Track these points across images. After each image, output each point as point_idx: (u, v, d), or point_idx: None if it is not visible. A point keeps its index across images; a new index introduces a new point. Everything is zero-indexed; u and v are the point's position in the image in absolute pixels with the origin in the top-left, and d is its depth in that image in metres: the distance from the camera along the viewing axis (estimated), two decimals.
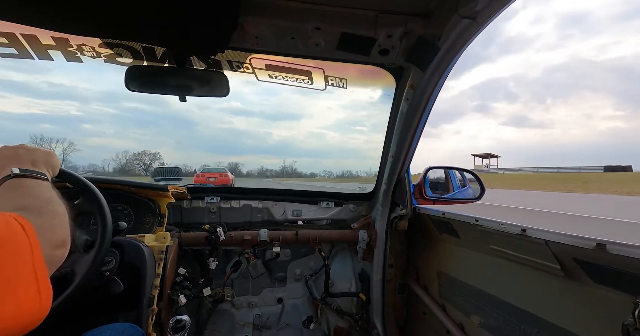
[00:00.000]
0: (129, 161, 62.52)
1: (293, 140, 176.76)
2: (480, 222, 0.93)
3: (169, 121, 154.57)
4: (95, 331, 0.80)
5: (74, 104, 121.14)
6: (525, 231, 0.76)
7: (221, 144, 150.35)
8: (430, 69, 0.90)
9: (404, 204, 1.36)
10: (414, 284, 1.44)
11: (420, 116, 1.08)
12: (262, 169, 72.79)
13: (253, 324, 1.54)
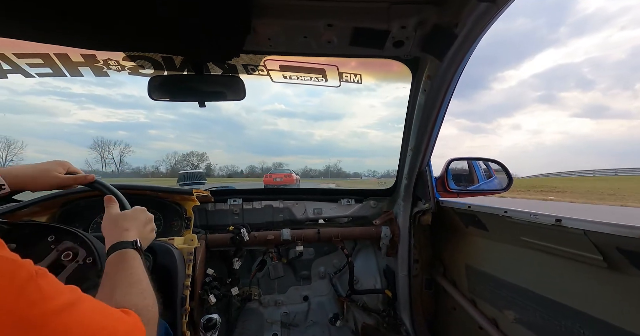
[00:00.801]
0: (178, 162, 63.32)
1: (335, 140, 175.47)
2: (510, 213, 0.90)
3: (221, 125, 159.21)
4: None
5: (142, 112, 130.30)
6: (561, 221, 0.72)
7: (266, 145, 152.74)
8: (447, 57, 0.87)
9: (427, 198, 1.33)
10: (442, 279, 1.41)
11: (440, 107, 1.05)
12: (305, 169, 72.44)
13: (281, 322, 1.57)
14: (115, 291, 0.52)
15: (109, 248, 0.61)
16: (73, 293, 0.36)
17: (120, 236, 0.63)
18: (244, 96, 1.10)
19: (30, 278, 0.32)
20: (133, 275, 0.56)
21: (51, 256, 0.71)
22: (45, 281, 0.33)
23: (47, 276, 0.35)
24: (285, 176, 16.62)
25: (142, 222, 0.71)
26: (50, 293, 0.33)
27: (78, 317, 0.34)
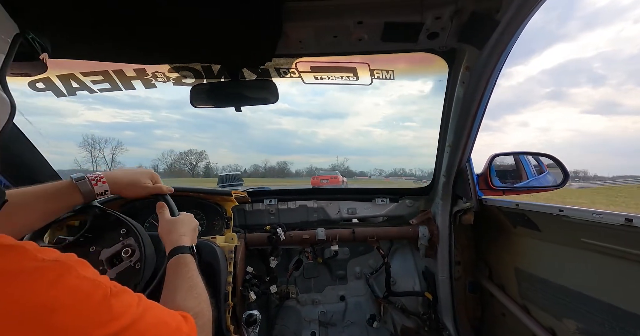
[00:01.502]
0: (176, 161, 58.61)
1: (339, 139, 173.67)
2: (567, 212, 0.81)
3: (226, 125, 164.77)
4: None
5: (148, 112, 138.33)
6: (632, 221, 0.64)
7: (271, 144, 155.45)
8: (488, 46, 0.81)
9: (468, 197, 1.26)
10: (487, 282, 1.32)
11: (480, 100, 0.99)
12: (311, 167, 72.14)
13: (319, 321, 1.58)
14: (176, 295, 0.57)
15: (170, 252, 0.68)
16: (139, 307, 0.39)
17: (179, 240, 0.69)
18: (277, 99, 1.13)
19: (104, 298, 0.34)
20: (191, 279, 0.62)
21: (117, 246, 0.81)
22: (116, 300, 0.36)
23: (119, 293, 0.37)
24: (332, 178, 17.98)
25: (192, 228, 0.77)
26: (119, 311, 0.35)
27: (145, 329, 0.37)
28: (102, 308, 0.34)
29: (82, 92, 1.04)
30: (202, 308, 0.58)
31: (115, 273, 0.80)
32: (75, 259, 0.36)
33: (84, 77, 1.01)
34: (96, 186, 0.71)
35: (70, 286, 0.32)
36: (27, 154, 1.19)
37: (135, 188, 0.77)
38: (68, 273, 0.33)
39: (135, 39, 0.83)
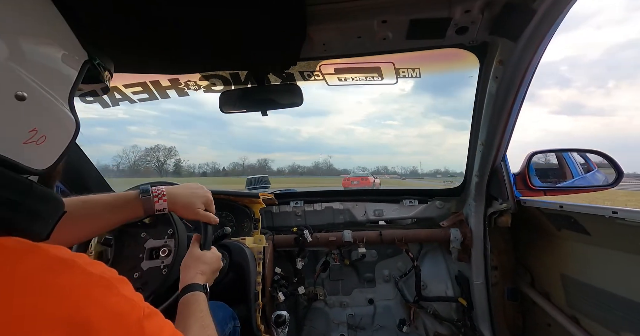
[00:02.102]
0: (141, 158, 51.81)
1: (322, 137, 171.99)
2: (622, 214, 0.74)
3: (205, 122, 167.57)
4: None
5: (121, 107, 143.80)
6: None
7: (252, 142, 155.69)
8: (523, 38, 0.76)
9: (504, 197, 1.18)
10: (529, 289, 1.23)
11: (516, 94, 0.93)
12: (293, 165, 69.58)
13: (347, 323, 1.57)
14: (189, 334, 0.57)
15: (183, 287, 0.68)
16: (170, 330, 0.40)
17: (195, 277, 0.69)
18: (301, 102, 1.15)
19: (138, 320, 0.35)
20: (203, 319, 0.62)
21: (160, 242, 0.88)
22: (149, 323, 0.36)
23: (151, 316, 0.38)
24: (362, 179, 18.17)
25: (214, 269, 0.76)
26: (152, 332, 0.36)
27: None
28: (135, 329, 0.35)
29: (124, 102, 1.13)
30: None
31: (147, 266, 0.86)
32: (117, 277, 0.38)
33: (126, 88, 1.09)
34: (157, 203, 0.73)
35: (110, 305, 0.33)
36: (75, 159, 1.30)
37: (188, 211, 0.79)
38: (109, 290, 0.34)
39: (172, 51, 0.89)
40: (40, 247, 0.32)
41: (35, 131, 0.38)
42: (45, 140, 0.39)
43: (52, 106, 0.40)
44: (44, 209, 0.38)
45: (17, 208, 0.34)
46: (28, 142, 0.37)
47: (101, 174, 1.42)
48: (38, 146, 0.38)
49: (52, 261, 0.32)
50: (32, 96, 0.36)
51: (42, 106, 0.38)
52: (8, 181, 0.34)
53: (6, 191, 0.33)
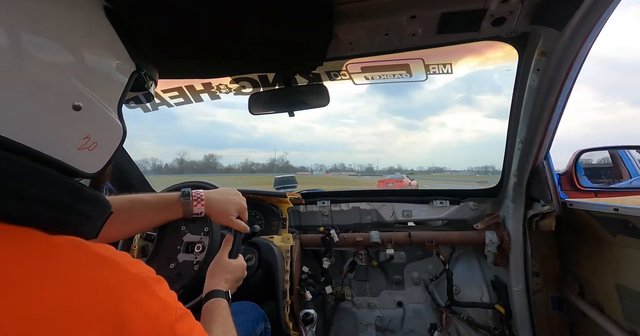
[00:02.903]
0: None
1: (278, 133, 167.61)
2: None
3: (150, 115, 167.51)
4: None
5: None
6: None
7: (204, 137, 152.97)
8: (570, 26, 0.70)
9: (546, 199, 1.10)
10: (578, 299, 1.13)
11: (561, 88, 0.86)
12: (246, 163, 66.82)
13: (375, 326, 1.55)
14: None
15: (207, 293, 0.70)
16: (199, 331, 0.41)
17: (218, 284, 0.71)
18: (328, 102, 1.15)
19: (169, 323, 0.36)
20: (225, 325, 0.63)
21: (196, 237, 0.93)
22: (180, 326, 0.37)
23: (183, 317, 0.39)
24: (397, 181, 18.89)
25: (238, 278, 0.78)
26: (182, 334, 0.37)
27: None
28: (166, 331, 0.35)
29: (162, 107, 1.21)
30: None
31: (182, 259, 0.91)
32: (154, 276, 0.40)
33: (164, 93, 1.17)
34: (195, 207, 0.77)
35: (145, 304, 0.34)
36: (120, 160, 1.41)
37: (222, 218, 0.82)
38: (145, 290, 0.36)
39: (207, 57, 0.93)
40: (86, 245, 0.34)
41: (88, 138, 0.41)
42: (96, 146, 0.42)
43: (104, 115, 0.43)
44: (93, 211, 0.40)
45: (70, 210, 0.37)
46: (82, 149, 0.40)
47: (142, 174, 1.53)
48: (90, 151, 0.42)
49: (95, 258, 0.34)
50: (87, 106, 0.39)
51: (95, 115, 0.41)
52: (62, 184, 0.36)
53: (60, 194, 0.36)
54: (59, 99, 0.37)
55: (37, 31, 0.35)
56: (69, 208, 0.37)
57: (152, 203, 0.75)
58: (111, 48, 0.44)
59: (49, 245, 0.32)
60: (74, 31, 0.39)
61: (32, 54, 0.34)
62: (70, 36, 0.38)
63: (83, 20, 0.41)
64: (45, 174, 0.35)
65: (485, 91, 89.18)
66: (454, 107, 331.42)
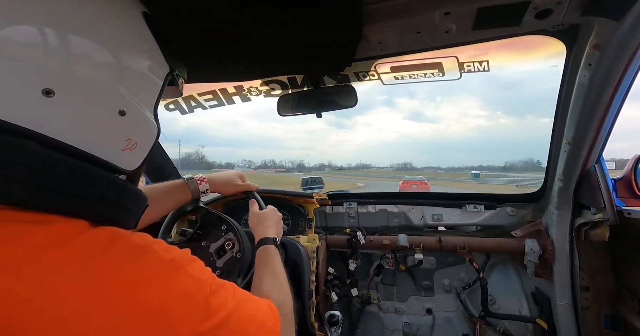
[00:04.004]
0: None
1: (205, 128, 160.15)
2: None
3: None
4: None
5: None
6: None
7: None
8: (631, 15, 0.63)
9: (599, 206, 0.99)
10: (638, 319, 1.01)
11: (617, 84, 0.77)
12: None
13: (403, 331, 1.50)
14: (263, 283, 0.63)
15: (258, 242, 0.77)
16: (234, 299, 0.43)
17: (265, 232, 0.79)
18: (356, 103, 1.14)
19: (204, 298, 0.38)
20: (275, 269, 0.69)
21: (221, 241, 0.96)
22: (214, 297, 0.39)
23: (217, 290, 0.41)
24: (422, 183, 19.05)
25: (277, 220, 0.87)
26: (216, 307, 0.39)
27: (236, 324, 0.41)
28: (202, 306, 0.37)
29: (198, 109, 1.28)
30: (285, 299, 0.61)
31: (222, 262, 0.94)
32: (187, 257, 0.42)
33: (199, 97, 1.23)
34: (200, 185, 0.88)
35: (178, 286, 0.37)
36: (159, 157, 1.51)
37: (229, 187, 0.93)
38: (178, 272, 0.38)
39: (239, 60, 0.97)
40: (126, 236, 0.37)
41: (130, 139, 0.44)
42: (136, 146, 0.45)
43: (144, 117, 0.46)
44: (134, 205, 0.44)
45: (116, 204, 0.40)
46: (125, 149, 0.44)
47: (177, 169, 1.63)
48: (131, 151, 0.45)
49: (133, 249, 0.36)
50: (130, 111, 0.42)
51: (137, 118, 0.44)
52: (110, 183, 0.40)
53: (109, 191, 0.39)
54: (107, 105, 0.40)
55: (84, 36, 0.37)
56: (116, 203, 0.40)
57: (163, 188, 0.84)
58: (149, 53, 0.47)
59: (92, 236, 0.35)
60: (116, 38, 0.41)
61: (79, 58, 0.36)
62: (114, 42, 0.41)
63: (125, 27, 0.43)
64: (97, 175, 0.38)
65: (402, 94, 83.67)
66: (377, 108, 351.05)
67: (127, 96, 0.42)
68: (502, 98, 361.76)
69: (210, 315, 0.38)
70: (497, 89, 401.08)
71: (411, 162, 50.20)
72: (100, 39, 0.39)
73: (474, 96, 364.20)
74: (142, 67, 0.45)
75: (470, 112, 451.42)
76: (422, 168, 69.04)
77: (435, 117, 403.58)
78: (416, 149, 39.57)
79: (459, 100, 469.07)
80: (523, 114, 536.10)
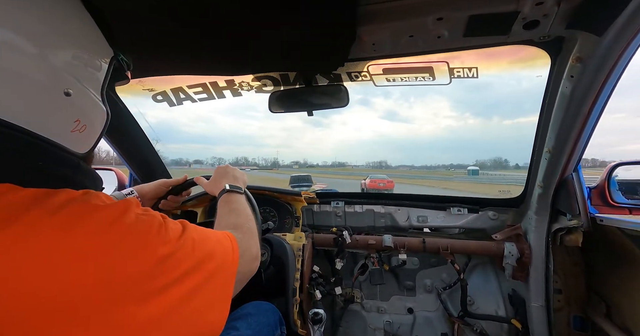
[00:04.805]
0: None
1: (176, 123, 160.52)
2: None
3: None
4: (240, 308, 0.96)
5: None
6: None
7: None
8: (612, 30, 0.66)
9: (574, 213, 1.04)
10: (604, 322, 1.06)
11: (596, 97, 0.81)
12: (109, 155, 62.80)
13: (384, 330, 1.53)
14: (220, 222, 0.65)
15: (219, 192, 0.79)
16: (182, 224, 0.46)
17: (219, 186, 0.80)
18: (347, 103, 1.15)
19: (161, 224, 0.41)
20: (229, 204, 0.72)
21: None
22: (167, 225, 0.42)
23: (168, 220, 0.43)
24: (388, 182, 20.03)
25: (225, 173, 0.86)
26: (174, 230, 0.42)
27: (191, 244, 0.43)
28: (162, 231, 0.40)
29: (187, 102, 1.26)
30: (240, 222, 0.64)
31: None
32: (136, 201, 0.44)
33: (189, 89, 1.21)
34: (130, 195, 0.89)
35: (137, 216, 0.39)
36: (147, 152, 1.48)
37: (159, 189, 0.95)
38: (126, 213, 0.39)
39: (231, 55, 0.96)
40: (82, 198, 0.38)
41: (78, 121, 0.45)
42: (85, 128, 0.46)
43: (91, 100, 0.47)
44: (89, 182, 0.46)
45: (70, 180, 0.42)
46: (74, 131, 0.45)
47: (165, 166, 1.60)
48: (81, 133, 0.46)
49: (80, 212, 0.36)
50: (76, 92, 0.43)
51: (84, 100, 0.45)
52: (61, 159, 0.42)
53: (61, 167, 0.41)
54: (52, 87, 0.40)
55: (21, 25, 0.37)
56: (70, 179, 0.42)
57: None
58: (89, 37, 0.48)
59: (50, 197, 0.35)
60: (55, 23, 0.42)
61: (18, 47, 0.37)
62: (53, 28, 0.41)
63: (64, 12, 0.43)
64: (47, 150, 0.40)
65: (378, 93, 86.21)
66: (354, 107, 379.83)
67: (72, 77, 0.43)
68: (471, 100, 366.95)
69: (170, 238, 0.40)
70: (466, 91, 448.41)
71: (386, 160, 51.87)
72: (35, 22, 0.39)
73: (443, 97, 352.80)
74: (85, 52, 0.46)
75: (441, 113, 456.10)
76: (397, 166, 70.41)
77: (408, 118, 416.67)
78: (390, 148, 40.49)
79: (431, 101, 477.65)
80: (489, 115, 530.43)
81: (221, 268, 0.46)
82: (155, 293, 0.35)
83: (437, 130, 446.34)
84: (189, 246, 0.42)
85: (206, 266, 0.43)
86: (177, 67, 1.05)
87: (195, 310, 0.39)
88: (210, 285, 0.43)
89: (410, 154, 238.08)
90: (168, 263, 0.38)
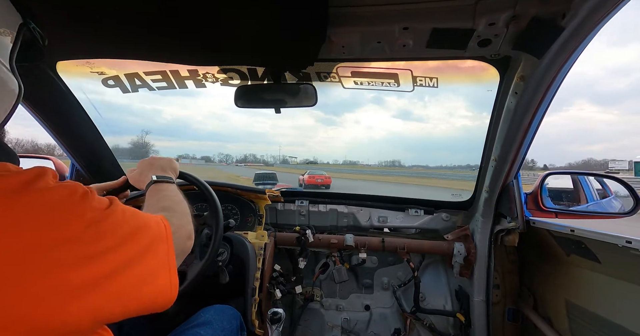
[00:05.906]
0: None
1: (191, 121, 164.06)
2: (636, 244, 0.71)
3: None
4: (201, 311, 0.93)
5: None
6: None
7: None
8: (548, 55, 0.74)
9: (513, 216, 1.16)
10: (531, 312, 1.19)
11: (535, 112, 0.90)
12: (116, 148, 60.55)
13: (341, 327, 1.56)
14: (149, 209, 0.63)
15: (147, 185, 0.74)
16: (110, 198, 0.45)
17: (143, 184, 0.76)
18: (315, 103, 1.15)
19: (86, 192, 0.40)
20: (157, 193, 0.69)
21: None
22: (93, 195, 0.41)
23: (94, 192, 0.43)
24: (325, 178, 21.10)
25: (150, 165, 0.81)
26: (100, 201, 0.42)
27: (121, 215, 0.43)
28: (89, 198, 0.40)
29: (143, 89, 1.16)
30: (168, 205, 0.64)
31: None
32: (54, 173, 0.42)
33: (146, 76, 1.12)
34: None
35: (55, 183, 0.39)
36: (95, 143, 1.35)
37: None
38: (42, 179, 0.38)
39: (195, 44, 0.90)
40: None
41: None
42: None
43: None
44: (3, 157, 0.43)
45: None
46: None
47: (115, 157, 1.46)
48: None
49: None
50: None
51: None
52: None
53: None
54: None
55: None
56: None
57: None
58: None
59: None
60: None
61: None
62: None
63: None
64: None
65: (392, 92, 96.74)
66: (367, 106, 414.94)
67: None
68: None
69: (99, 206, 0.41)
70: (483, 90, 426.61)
71: (399, 159, 53.19)
72: None
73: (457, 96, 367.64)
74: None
75: (456, 113, 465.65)
76: (411, 165, 72.07)
77: (422, 117, 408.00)
78: (401, 146, 41.75)
79: (445, 100, 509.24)
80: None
81: (158, 239, 0.47)
82: (90, 258, 0.36)
83: (452, 129, 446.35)
84: (119, 216, 0.42)
85: (142, 236, 0.44)
86: (125, 50, 0.96)
87: (139, 277, 0.42)
88: (150, 254, 0.44)
89: (423, 155, 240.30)
90: (99, 229, 0.38)
